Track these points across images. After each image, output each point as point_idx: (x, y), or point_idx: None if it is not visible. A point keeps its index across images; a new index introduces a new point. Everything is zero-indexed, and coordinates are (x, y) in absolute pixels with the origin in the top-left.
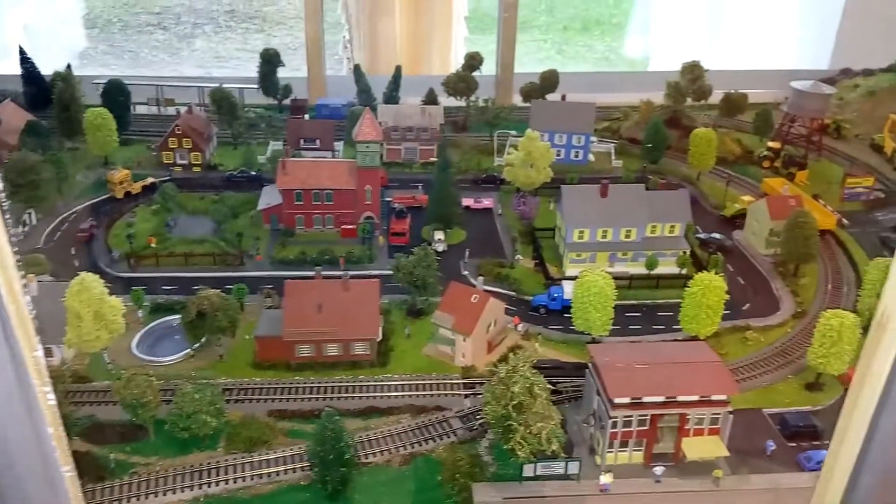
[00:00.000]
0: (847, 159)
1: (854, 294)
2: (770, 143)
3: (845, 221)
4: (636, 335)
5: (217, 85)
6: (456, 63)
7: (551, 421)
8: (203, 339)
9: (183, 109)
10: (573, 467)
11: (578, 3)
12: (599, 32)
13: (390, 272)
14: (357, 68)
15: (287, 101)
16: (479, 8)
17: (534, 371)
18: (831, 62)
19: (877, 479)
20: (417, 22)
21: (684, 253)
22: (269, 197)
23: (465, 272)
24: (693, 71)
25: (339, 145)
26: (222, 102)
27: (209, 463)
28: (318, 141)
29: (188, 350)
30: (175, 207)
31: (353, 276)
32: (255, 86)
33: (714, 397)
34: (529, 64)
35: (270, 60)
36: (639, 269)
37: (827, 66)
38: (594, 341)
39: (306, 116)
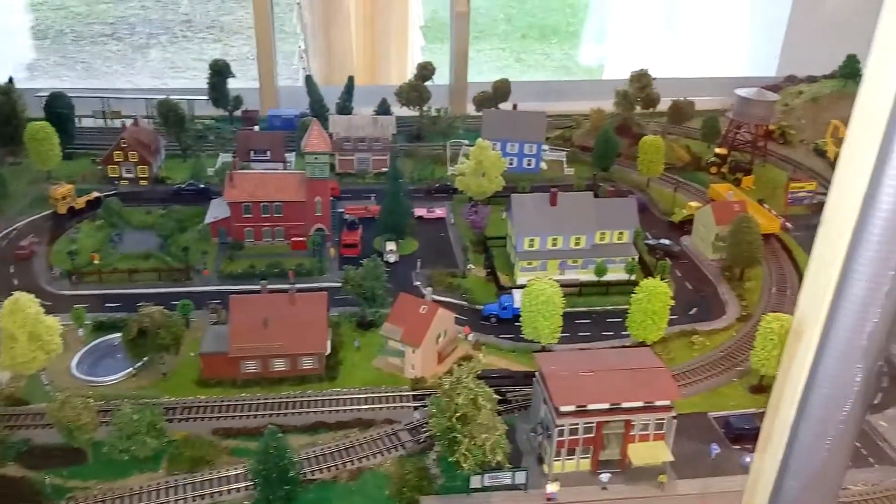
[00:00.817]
0: (792, 164)
1: (797, 296)
2: (717, 150)
3: (789, 225)
4: (586, 342)
5: (164, 97)
6: (412, 72)
7: (496, 432)
8: (146, 358)
9: (129, 122)
10: (520, 477)
11: (536, 11)
12: (557, 40)
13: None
14: (309, 79)
15: (238, 113)
16: (436, 17)
17: (479, 382)
18: (779, 69)
19: (800, 483)
20: (373, 31)
21: (633, 259)
22: (216, 210)
23: (417, 282)
24: (641, 79)
25: (291, 156)
26: (169, 114)
27: (150, 485)
28: (268, 152)
29: (130, 369)
30: (120, 222)
31: (304, 290)
32: (205, 97)
33: (658, 403)
34: (489, 72)
35: (220, 71)
36: (589, 276)
37: (775, 73)
38: (544, 349)
39: (256, 128)
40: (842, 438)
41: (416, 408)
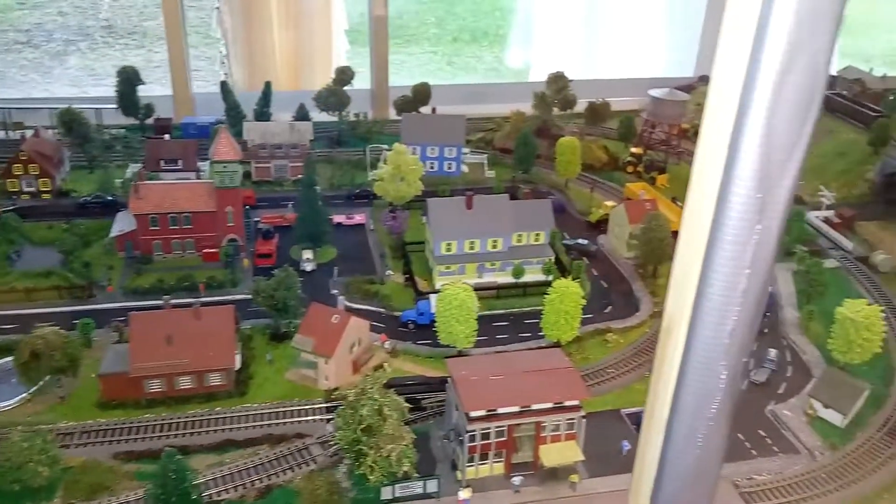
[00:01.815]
0: None
1: None
2: (633, 149)
3: None
4: (503, 345)
5: (67, 106)
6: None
7: (402, 441)
8: (42, 382)
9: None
10: (432, 486)
11: (467, 15)
12: (487, 43)
13: None
14: (224, 84)
15: (150, 121)
16: (363, 20)
17: (385, 392)
18: (696, 69)
19: (677, 479)
20: (296, 36)
21: (550, 260)
22: (122, 223)
23: (335, 291)
24: (558, 81)
25: (205, 165)
26: (72, 124)
27: None
28: (180, 161)
29: (25, 394)
30: (19, 239)
31: (217, 303)
32: (114, 105)
33: (567, 403)
34: (421, 75)
35: (129, 78)
36: (507, 278)
37: (693, 73)
38: (461, 354)
39: (167, 136)
40: (713, 434)
41: (328, 420)
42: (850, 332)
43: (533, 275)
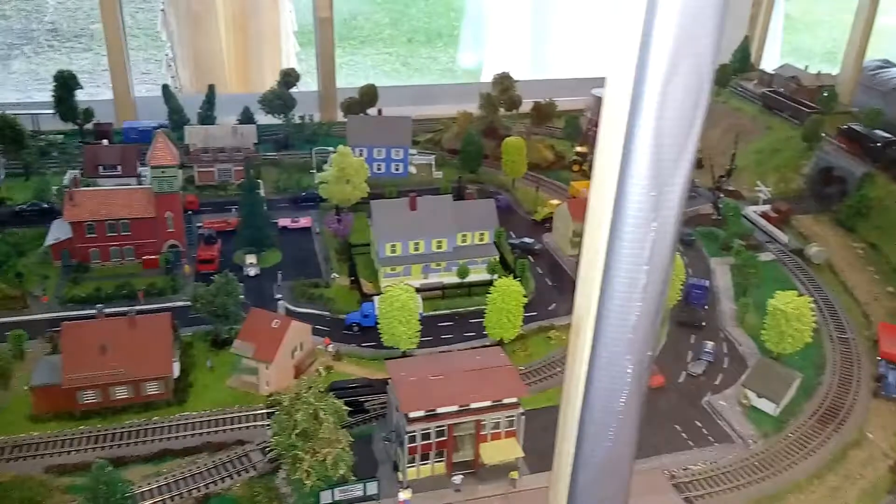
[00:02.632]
0: None
1: None
2: (578, 148)
3: None
4: (449, 345)
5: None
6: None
7: (338, 445)
8: None
9: None
10: (372, 488)
11: (422, 16)
12: (442, 44)
13: None
14: (166, 88)
15: (90, 126)
16: (310, 22)
17: (320, 395)
18: None
19: (592, 473)
20: (244, 38)
21: (494, 259)
22: (58, 231)
23: (279, 295)
24: (503, 82)
25: (146, 170)
26: (5, 130)
27: None
28: (119, 167)
29: None
30: None
31: (157, 310)
32: (51, 111)
33: (506, 401)
34: (375, 77)
35: (66, 83)
36: (452, 278)
37: None
38: (405, 355)
39: (105, 141)
40: (623, 427)
41: (269, 426)
42: (781, 323)
43: (478, 274)
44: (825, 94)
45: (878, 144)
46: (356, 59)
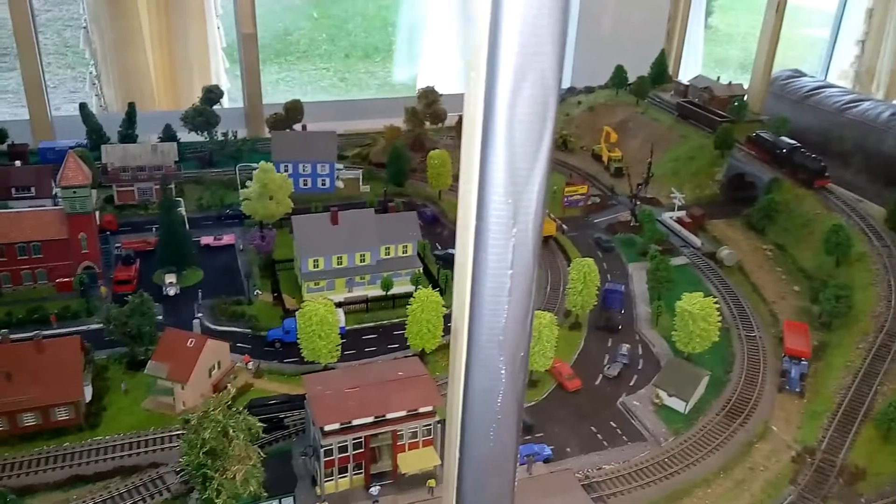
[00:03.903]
0: (572, 170)
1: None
2: None
3: (565, 227)
4: (372, 357)
5: None
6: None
7: (249, 461)
8: None
9: None
10: (287, 503)
11: (360, 31)
12: (380, 59)
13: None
14: (83, 107)
15: (3, 147)
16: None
17: (229, 412)
18: (572, 81)
19: (476, 473)
20: (171, 55)
21: (418, 271)
22: None
23: (199, 314)
24: (428, 95)
25: None
26: None
27: None
28: (33, 189)
29: None
30: None
31: (71, 333)
32: None
33: (422, 410)
34: (313, 92)
35: None
36: (377, 291)
37: (568, 85)
38: (326, 369)
39: (18, 162)
40: (503, 428)
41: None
42: (689, 324)
43: (402, 286)
44: (736, 104)
45: (784, 151)
46: (293, 74)
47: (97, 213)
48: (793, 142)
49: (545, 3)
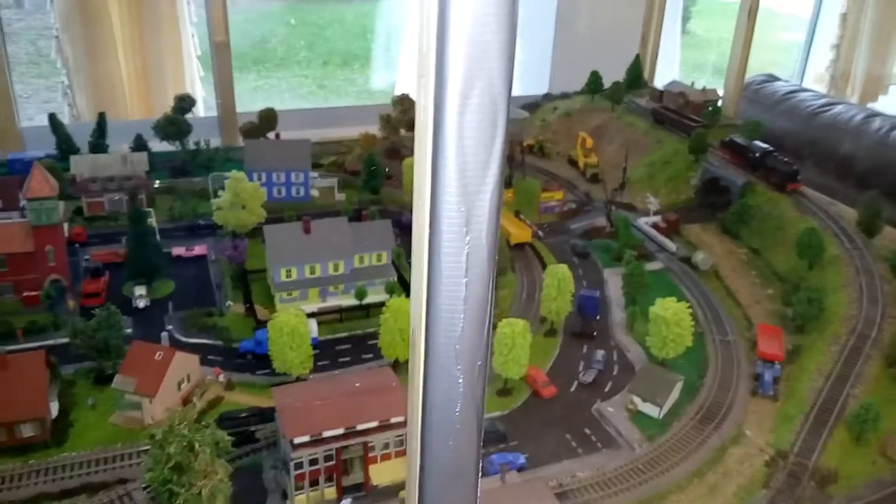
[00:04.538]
0: (548, 176)
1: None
2: None
3: (541, 233)
4: (346, 367)
5: None
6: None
7: (215, 476)
8: None
9: None
10: None
11: (338, 38)
12: (358, 66)
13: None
14: (52, 117)
15: None
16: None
17: (195, 426)
18: (550, 86)
19: (438, 482)
20: (144, 63)
21: (393, 279)
22: None
23: (170, 326)
24: (403, 103)
25: None
26: None
27: None
28: (0, 201)
29: None
30: None
31: (37, 348)
32: None
33: (393, 420)
34: (291, 100)
35: None
36: (351, 300)
37: (546, 91)
38: (299, 380)
39: None
40: (462, 436)
41: None
42: (662, 329)
43: (377, 295)
44: (710, 109)
45: (757, 155)
46: (271, 82)
47: (66, 225)
48: (765, 146)
49: (491, 11)
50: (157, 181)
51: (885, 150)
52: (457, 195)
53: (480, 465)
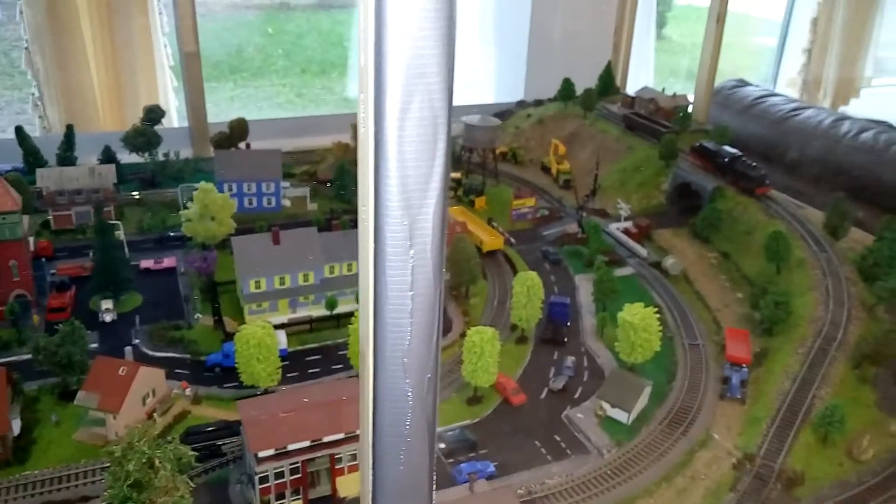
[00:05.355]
0: (521, 183)
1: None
2: (452, 174)
3: (513, 240)
4: (315, 379)
5: None
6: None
7: (176, 492)
8: None
9: None
10: None
11: (315, 46)
12: (336, 74)
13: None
14: (19, 129)
15: None
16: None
17: (155, 442)
18: (525, 94)
19: (390, 495)
20: (116, 75)
21: None
22: None
23: (136, 340)
24: None
25: None
26: None
27: None
28: None
29: None
30: None
31: (0, 364)
32: None
33: (358, 432)
34: (269, 109)
35: None
36: (321, 310)
37: (520, 98)
38: (266, 393)
39: None
40: (413, 449)
41: None
42: (630, 335)
43: (348, 305)
44: (680, 115)
45: (726, 160)
46: (248, 91)
47: (32, 239)
48: (734, 151)
49: (428, 26)
50: (136, 193)
51: (854, 152)
52: (399, 209)
53: (434, 477)
